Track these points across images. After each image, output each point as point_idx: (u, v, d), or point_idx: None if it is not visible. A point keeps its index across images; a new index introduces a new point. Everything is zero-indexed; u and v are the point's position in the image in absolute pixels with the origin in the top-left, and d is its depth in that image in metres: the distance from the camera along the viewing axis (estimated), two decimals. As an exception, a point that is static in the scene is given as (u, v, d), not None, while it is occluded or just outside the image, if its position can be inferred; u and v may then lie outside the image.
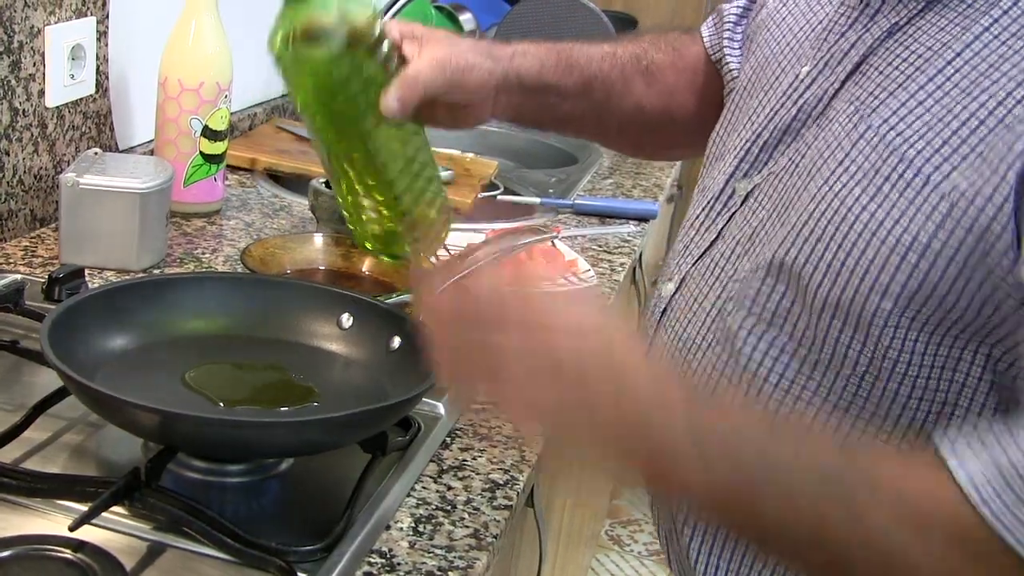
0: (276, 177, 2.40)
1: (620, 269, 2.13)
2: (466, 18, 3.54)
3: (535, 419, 1.03)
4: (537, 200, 2.47)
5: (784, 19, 1.34)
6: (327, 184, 1.97)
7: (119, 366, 1.37)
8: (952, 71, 1.05)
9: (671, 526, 1.34)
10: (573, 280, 1.98)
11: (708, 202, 1.30)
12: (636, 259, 2.43)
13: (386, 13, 2.67)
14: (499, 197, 2.52)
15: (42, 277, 1.64)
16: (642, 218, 2.42)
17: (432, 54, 1.35)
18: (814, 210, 1.10)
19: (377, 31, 1.31)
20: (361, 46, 1.29)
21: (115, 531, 1.16)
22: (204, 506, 1.17)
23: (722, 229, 1.27)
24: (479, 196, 2.43)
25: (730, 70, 1.48)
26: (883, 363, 1.07)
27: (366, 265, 1.88)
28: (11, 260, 1.80)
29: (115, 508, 1.17)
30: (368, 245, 1.41)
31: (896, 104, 1.07)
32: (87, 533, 1.12)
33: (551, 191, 2.62)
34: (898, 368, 1.07)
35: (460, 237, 2.11)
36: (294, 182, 2.37)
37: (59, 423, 1.34)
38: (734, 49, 1.48)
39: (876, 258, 1.04)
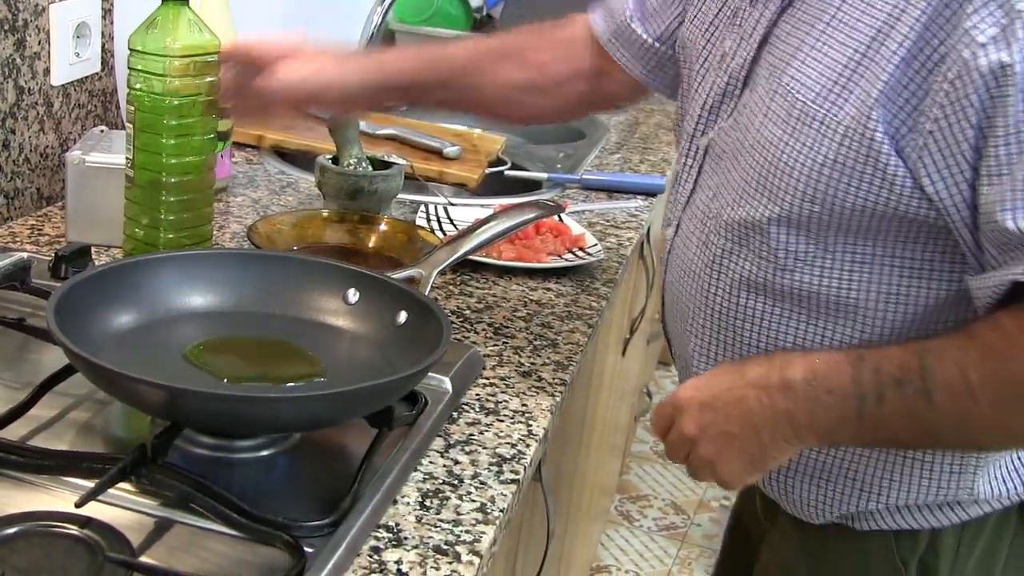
0: (283, 154, 2.40)
1: (628, 244, 2.13)
2: (473, -5, 3.54)
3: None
4: (544, 175, 2.47)
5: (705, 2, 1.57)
6: (334, 160, 1.97)
7: (126, 343, 1.37)
8: (831, 30, 1.29)
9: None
10: (580, 254, 1.98)
11: (682, 158, 1.53)
12: (644, 234, 2.43)
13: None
14: (506, 172, 2.52)
15: (49, 255, 1.64)
16: (649, 193, 2.42)
17: (296, 72, 1.72)
18: (755, 153, 1.35)
19: None
20: None
21: (122, 507, 1.16)
22: (211, 482, 1.17)
23: (697, 179, 1.49)
24: (486, 171, 2.43)
25: (633, 48, 1.71)
26: (824, 258, 1.33)
27: (373, 241, 1.89)
28: (18, 238, 1.80)
29: (122, 484, 1.17)
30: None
31: (797, 63, 1.31)
32: (94, 509, 1.12)
33: (558, 166, 2.62)
34: (834, 255, 1.32)
35: (468, 212, 2.12)
36: (301, 159, 2.37)
37: (66, 400, 1.35)
38: (635, 26, 1.70)
39: (803, 179, 1.29)
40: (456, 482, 1.31)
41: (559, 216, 2.06)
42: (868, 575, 1.46)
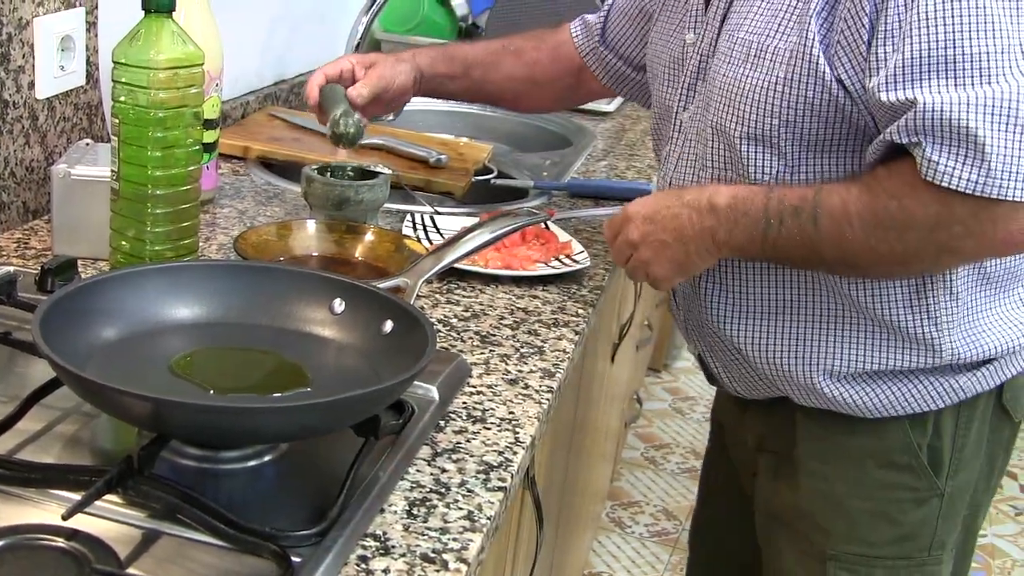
0: (269, 165, 2.40)
1: (614, 250, 2.13)
2: (458, 3, 3.55)
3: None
4: (531, 183, 2.48)
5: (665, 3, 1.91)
6: (320, 171, 1.97)
7: (112, 355, 1.37)
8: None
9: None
10: (566, 261, 1.98)
11: (670, 133, 1.83)
12: (630, 240, 2.43)
13: (374, 3, 2.68)
14: (493, 181, 2.52)
15: (35, 269, 1.64)
16: (636, 199, 2.42)
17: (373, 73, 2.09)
18: (723, 91, 1.67)
19: None
20: None
21: (109, 519, 1.16)
22: (198, 493, 1.17)
23: (682, 146, 1.80)
24: (472, 180, 2.43)
25: (598, 59, 2.14)
26: (789, 175, 1.64)
27: (359, 251, 1.89)
28: (4, 252, 1.80)
29: (109, 496, 1.17)
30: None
31: (748, 22, 1.65)
32: (81, 522, 1.12)
33: (545, 174, 2.62)
34: (798, 171, 1.63)
35: (455, 220, 2.13)
36: (287, 169, 2.37)
37: (53, 413, 1.35)
38: (600, 47, 2.12)
39: (761, 97, 1.61)
40: (443, 490, 1.31)
41: (545, 224, 2.06)
42: (891, 458, 1.75)
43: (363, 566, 1.16)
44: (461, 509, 1.28)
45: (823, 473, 1.79)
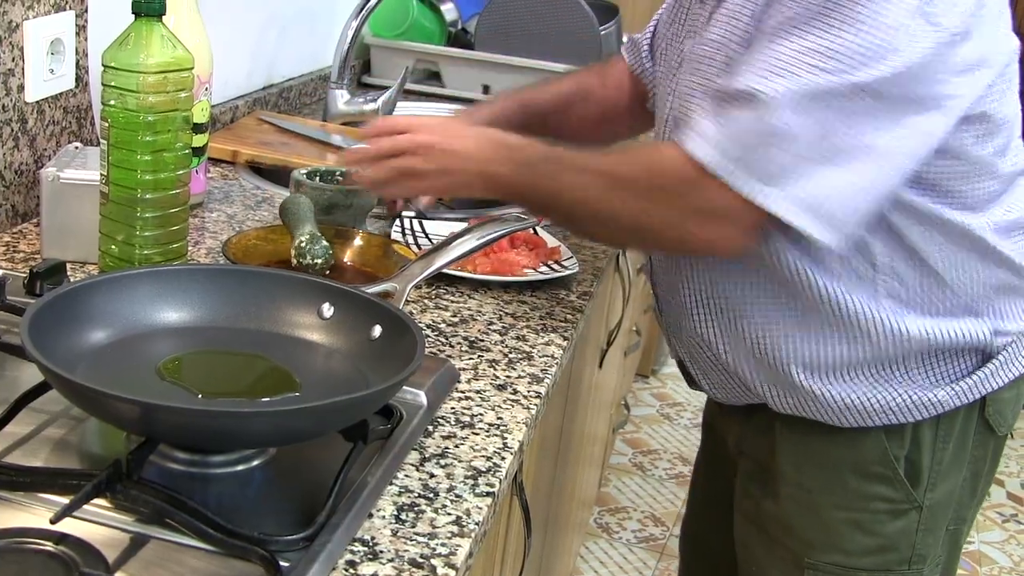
0: (258, 169, 2.40)
1: (603, 256, 2.13)
2: (448, 8, 3.54)
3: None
4: (520, 188, 2.47)
5: (663, 18, 1.97)
6: (309, 175, 1.97)
7: (100, 359, 1.37)
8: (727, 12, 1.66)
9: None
10: (555, 267, 1.98)
11: (661, 129, 1.84)
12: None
13: (367, 3, 2.68)
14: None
15: (24, 272, 1.64)
16: (625, 205, 2.42)
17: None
18: (678, 97, 1.75)
19: None
20: None
21: (97, 523, 1.16)
22: (186, 497, 1.17)
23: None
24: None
25: (648, 77, 2.09)
26: None
27: (348, 256, 1.89)
28: (-7, 255, 1.80)
29: (97, 500, 1.17)
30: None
31: (711, 31, 1.68)
32: (69, 526, 1.12)
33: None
34: None
35: (443, 225, 2.13)
36: (276, 174, 2.37)
37: (41, 417, 1.35)
38: (648, 63, 2.08)
39: (726, 60, 1.64)
40: (431, 495, 1.31)
41: (534, 229, 2.07)
42: (867, 469, 1.76)
43: (351, 571, 1.16)
44: (449, 514, 1.28)
45: (801, 482, 1.80)
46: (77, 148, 1.91)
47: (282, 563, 1.12)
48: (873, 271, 1.66)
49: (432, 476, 1.35)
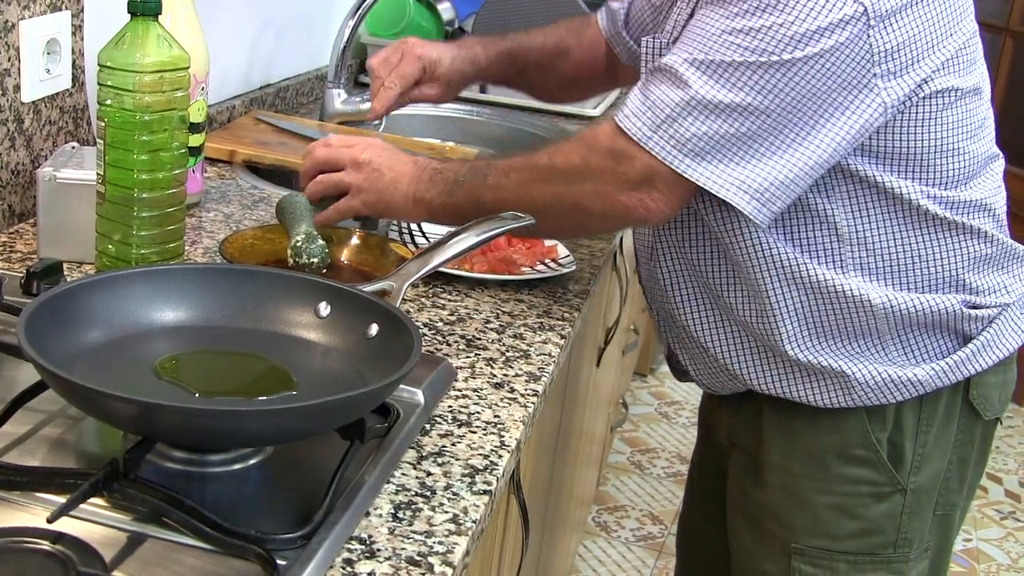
0: (255, 169, 2.40)
1: (600, 255, 2.13)
2: (444, 7, 3.54)
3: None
4: (517, 187, 2.47)
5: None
6: None
7: (97, 359, 1.36)
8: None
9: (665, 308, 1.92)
10: (552, 265, 1.99)
11: None
12: (616, 245, 2.44)
13: (364, 3, 2.68)
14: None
15: (21, 272, 1.64)
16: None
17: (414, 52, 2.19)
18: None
19: None
20: None
21: (94, 522, 1.16)
22: (183, 496, 1.17)
23: None
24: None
25: (623, 45, 2.19)
26: None
27: (344, 255, 1.89)
28: (-11, 255, 1.80)
29: (94, 499, 1.17)
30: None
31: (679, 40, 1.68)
32: (66, 525, 1.12)
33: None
34: None
35: (440, 224, 2.12)
36: (273, 173, 2.37)
37: (38, 416, 1.35)
38: (624, 33, 2.18)
39: None
40: (429, 494, 1.31)
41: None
42: (850, 452, 1.79)
43: (348, 569, 1.16)
44: (447, 512, 1.28)
45: (786, 468, 1.83)
46: (74, 148, 1.91)
47: (279, 561, 1.12)
48: (838, 242, 1.69)
49: (429, 474, 1.35)
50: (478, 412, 1.51)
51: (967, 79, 1.66)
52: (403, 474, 1.34)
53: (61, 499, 1.14)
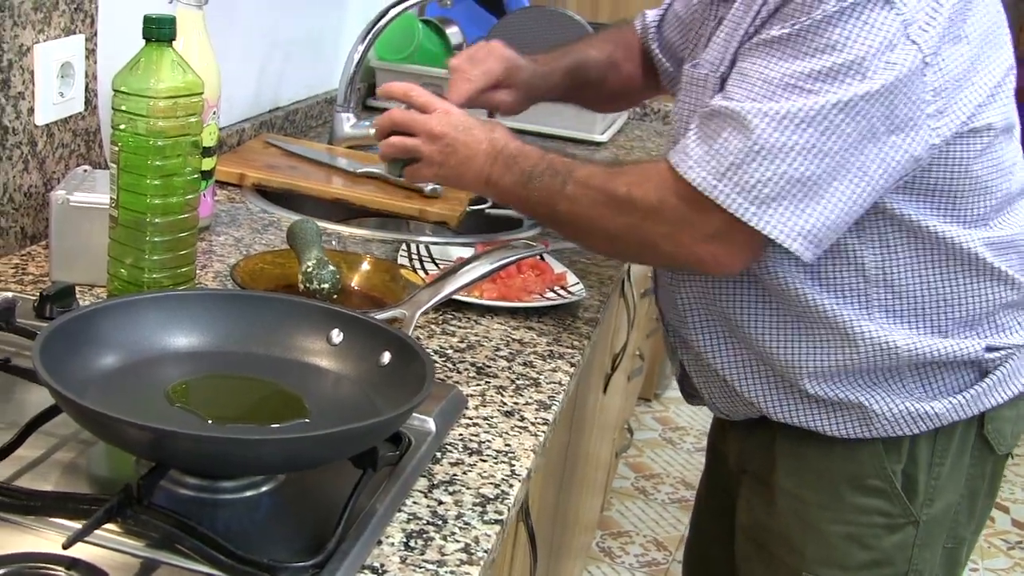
0: (265, 192, 2.40)
1: (609, 282, 2.14)
2: (453, 31, 3.55)
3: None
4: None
5: (681, 17, 2.12)
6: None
7: (111, 384, 1.37)
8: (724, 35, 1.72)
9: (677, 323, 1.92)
10: (562, 293, 1.99)
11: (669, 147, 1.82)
12: (625, 272, 2.44)
13: (373, 28, 2.69)
14: (487, 210, 2.52)
15: (33, 295, 1.64)
16: (630, 231, 2.42)
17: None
18: (674, 118, 1.84)
19: None
20: None
21: (108, 548, 1.17)
22: (196, 523, 1.17)
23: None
24: (467, 209, 2.44)
25: (655, 55, 2.21)
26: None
27: (355, 280, 1.89)
28: (2, 278, 1.80)
29: (108, 525, 1.17)
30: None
31: (707, 52, 1.75)
32: (80, 550, 1.12)
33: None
34: None
35: (450, 251, 2.13)
36: (283, 197, 2.38)
37: (51, 440, 1.35)
38: (654, 43, 2.21)
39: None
40: (440, 522, 1.31)
41: (541, 256, 2.07)
42: (865, 482, 1.78)
43: (361, 598, 1.17)
44: (458, 542, 1.28)
45: (799, 495, 1.82)
46: (86, 171, 1.91)
47: (292, 590, 1.12)
48: (864, 282, 1.69)
49: (441, 503, 1.35)
50: (489, 440, 1.52)
51: (1002, 116, 1.67)
52: (415, 502, 1.35)
53: (74, 524, 1.15)
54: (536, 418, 1.59)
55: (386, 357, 1.44)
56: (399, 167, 1.88)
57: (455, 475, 1.42)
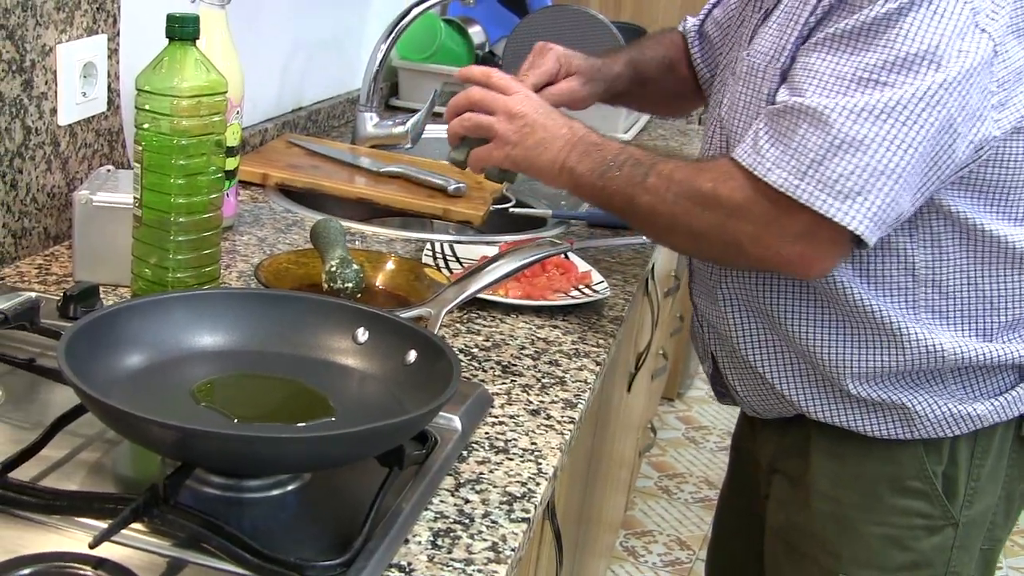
0: (288, 192, 2.40)
1: (633, 280, 2.13)
2: (475, 31, 3.55)
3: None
4: (549, 212, 2.48)
5: (720, 21, 2.11)
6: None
7: (136, 383, 1.37)
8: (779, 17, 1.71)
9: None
10: (586, 291, 1.98)
11: (708, 135, 1.88)
12: (649, 270, 2.43)
13: (395, 27, 2.69)
14: (511, 209, 2.52)
15: (57, 295, 1.64)
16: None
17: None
18: (727, 106, 1.79)
19: None
20: None
21: (134, 548, 1.16)
22: (223, 522, 1.17)
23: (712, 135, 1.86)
24: (491, 208, 2.43)
25: (695, 61, 2.20)
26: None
27: (379, 279, 1.89)
28: (26, 278, 1.80)
29: (134, 524, 1.16)
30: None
31: (759, 42, 1.72)
32: (106, 550, 1.11)
33: (563, 203, 2.62)
34: None
35: (475, 250, 2.13)
36: (305, 197, 2.37)
37: (76, 440, 1.35)
38: (696, 47, 2.20)
39: (749, 118, 1.72)
40: (467, 521, 1.31)
41: (565, 254, 2.06)
42: (904, 484, 1.77)
43: (388, 597, 1.16)
44: (485, 540, 1.27)
45: (835, 495, 1.80)
46: (109, 171, 1.91)
47: (319, 589, 1.12)
48: (913, 282, 1.67)
49: (467, 501, 1.35)
50: (515, 439, 1.51)
51: None
52: (441, 501, 1.34)
53: (100, 524, 1.15)
54: (562, 417, 1.58)
55: (412, 356, 1.43)
56: (465, 151, 1.84)
57: (481, 473, 1.41)
